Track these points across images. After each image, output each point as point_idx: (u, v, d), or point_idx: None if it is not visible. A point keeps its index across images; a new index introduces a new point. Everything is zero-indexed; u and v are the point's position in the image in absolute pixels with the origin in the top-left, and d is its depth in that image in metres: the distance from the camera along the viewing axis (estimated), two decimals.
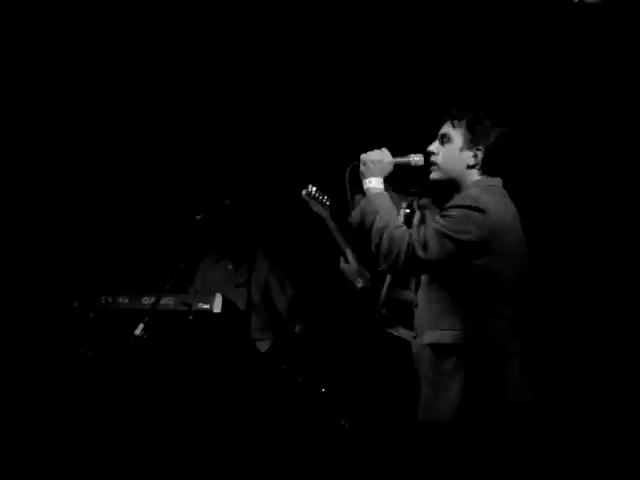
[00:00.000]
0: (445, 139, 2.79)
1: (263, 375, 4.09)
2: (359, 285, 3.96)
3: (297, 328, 4.53)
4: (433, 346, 2.65)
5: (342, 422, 4.10)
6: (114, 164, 5.14)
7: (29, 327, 4.50)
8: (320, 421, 3.99)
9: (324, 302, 4.73)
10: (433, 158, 2.80)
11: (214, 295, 3.93)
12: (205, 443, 3.74)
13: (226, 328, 4.34)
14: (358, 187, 2.82)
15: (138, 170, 5.17)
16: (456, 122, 2.78)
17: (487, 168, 2.76)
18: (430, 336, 2.68)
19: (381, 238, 2.62)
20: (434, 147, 2.82)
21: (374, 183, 2.77)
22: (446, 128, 2.80)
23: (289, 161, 5.05)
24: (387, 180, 2.81)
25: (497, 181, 2.76)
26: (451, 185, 2.80)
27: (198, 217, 3.94)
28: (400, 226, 2.66)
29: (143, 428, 3.72)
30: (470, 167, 2.76)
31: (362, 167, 2.79)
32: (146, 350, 3.60)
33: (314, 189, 4.00)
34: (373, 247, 2.66)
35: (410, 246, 2.56)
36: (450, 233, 2.56)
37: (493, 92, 4.30)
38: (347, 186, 2.85)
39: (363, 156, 2.80)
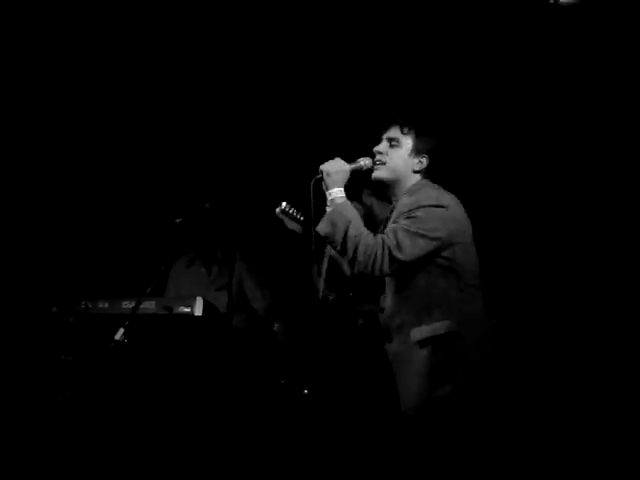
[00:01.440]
0: (394, 142, 2.94)
1: (247, 376, 4.09)
2: (330, 298, 4.00)
3: (275, 327, 4.53)
4: (427, 341, 2.74)
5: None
6: (92, 168, 5.11)
7: (9, 333, 4.47)
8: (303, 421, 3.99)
9: (302, 301, 4.74)
10: (380, 158, 2.93)
11: (195, 298, 3.93)
12: (189, 445, 3.72)
13: (208, 331, 4.35)
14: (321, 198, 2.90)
15: (117, 174, 5.15)
16: (405, 129, 2.94)
17: (429, 173, 2.94)
18: (420, 332, 2.76)
19: (357, 245, 2.73)
20: (382, 148, 2.95)
21: (338, 193, 2.86)
22: (395, 133, 2.95)
23: (267, 165, 5.06)
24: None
25: (436, 184, 2.93)
26: (392, 186, 2.96)
27: (178, 220, 3.95)
28: (371, 232, 2.79)
29: (126, 433, 3.70)
30: (415, 172, 2.93)
31: (326, 178, 2.87)
32: (127, 354, 3.59)
33: (288, 206, 4.01)
34: (349, 255, 2.76)
35: (386, 249, 2.70)
36: (421, 232, 2.73)
37: (437, 101, 4.40)
38: (311, 198, 2.91)
39: (323, 167, 2.89)
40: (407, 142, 2.93)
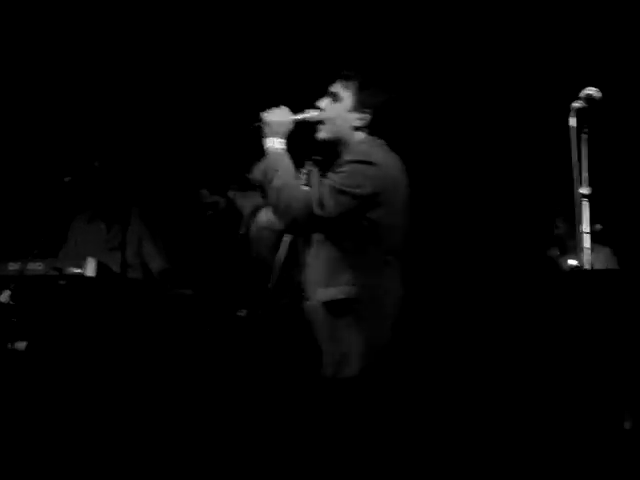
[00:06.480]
0: (336, 97, 2.84)
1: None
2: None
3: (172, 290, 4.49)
4: (328, 304, 2.72)
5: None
6: None
7: None
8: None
9: (200, 263, 4.72)
10: (320, 115, 2.84)
11: (87, 259, 3.85)
12: (81, 412, 3.66)
13: (100, 292, 4.27)
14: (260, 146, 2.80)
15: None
16: (347, 83, 2.83)
17: (372, 131, 2.83)
18: (324, 294, 2.73)
19: (279, 196, 2.66)
20: (324, 104, 2.85)
21: (276, 143, 2.77)
22: (337, 87, 2.85)
23: (163, 122, 4.98)
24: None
25: (381, 141, 2.84)
26: (337, 144, 2.85)
27: (66, 179, 3.86)
28: (298, 185, 2.71)
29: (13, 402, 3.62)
30: (357, 128, 2.83)
31: (266, 127, 2.78)
32: (14, 317, 3.51)
33: None
34: (272, 206, 2.71)
35: (307, 204, 2.62)
36: (345, 188, 2.64)
37: (382, 57, 4.37)
38: (251, 145, 2.82)
39: (264, 115, 2.79)
40: (348, 96, 2.82)
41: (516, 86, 4.54)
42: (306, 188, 2.73)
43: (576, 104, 2.74)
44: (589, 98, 2.74)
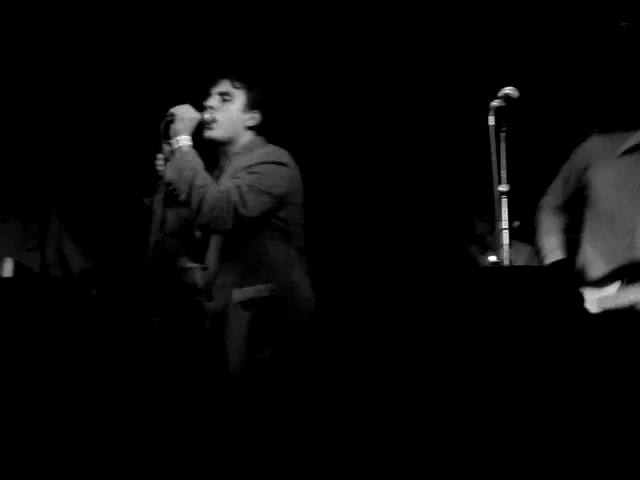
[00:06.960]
0: (226, 97, 2.83)
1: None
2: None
3: (94, 291, 4.42)
4: (249, 302, 2.72)
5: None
6: None
7: None
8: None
9: (123, 261, 4.66)
10: (212, 114, 2.81)
11: (3, 259, 3.77)
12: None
13: (19, 293, 4.18)
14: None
15: None
16: (237, 83, 2.83)
17: (261, 130, 2.87)
18: (242, 294, 2.73)
19: (203, 197, 2.63)
20: (213, 102, 2.83)
21: (186, 140, 2.72)
22: (226, 87, 2.83)
23: (84, 116, 4.90)
24: None
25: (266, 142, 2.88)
26: (225, 144, 2.85)
27: None
28: (215, 184, 2.70)
29: None
30: (249, 128, 2.85)
31: (177, 123, 2.73)
32: None
33: None
34: (193, 206, 2.65)
35: (231, 204, 2.63)
36: (264, 188, 2.68)
37: (267, 58, 4.40)
38: (162, 142, 2.76)
39: (175, 111, 2.74)
40: (240, 96, 2.82)
41: (434, 85, 4.61)
42: (223, 188, 2.70)
43: (494, 103, 2.79)
44: (507, 97, 2.80)
